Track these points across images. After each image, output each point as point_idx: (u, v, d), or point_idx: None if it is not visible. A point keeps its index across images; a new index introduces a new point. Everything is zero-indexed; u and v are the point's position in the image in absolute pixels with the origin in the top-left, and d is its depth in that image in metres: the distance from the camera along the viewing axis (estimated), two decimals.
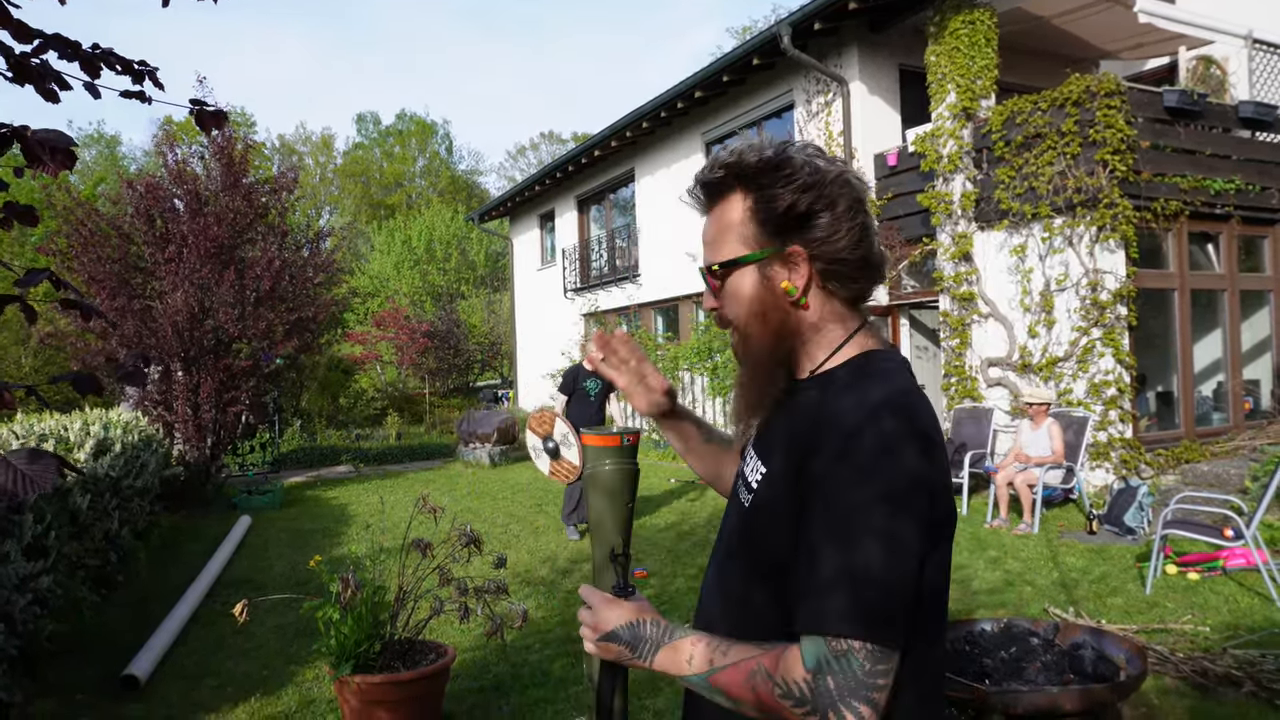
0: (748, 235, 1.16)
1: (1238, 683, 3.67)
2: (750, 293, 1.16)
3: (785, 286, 1.14)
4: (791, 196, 1.12)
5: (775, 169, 1.13)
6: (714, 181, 1.18)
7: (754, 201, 1.15)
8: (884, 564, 0.96)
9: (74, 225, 9.77)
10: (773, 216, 1.13)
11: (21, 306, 1.66)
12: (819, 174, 1.13)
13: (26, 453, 1.27)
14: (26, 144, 1.55)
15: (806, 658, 0.97)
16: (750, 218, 1.15)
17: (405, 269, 31.46)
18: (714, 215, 1.20)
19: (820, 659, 0.96)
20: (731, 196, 1.18)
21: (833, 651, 0.96)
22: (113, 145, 38.79)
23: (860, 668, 0.95)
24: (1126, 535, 6.46)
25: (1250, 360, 9.18)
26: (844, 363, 1.15)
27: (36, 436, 5.60)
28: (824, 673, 0.96)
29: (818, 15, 9.46)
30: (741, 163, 1.15)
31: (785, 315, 1.16)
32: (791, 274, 1.14)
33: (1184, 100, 8.03)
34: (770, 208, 1.13)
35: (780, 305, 1.15)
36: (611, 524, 1.32)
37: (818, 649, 0.97)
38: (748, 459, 1.23)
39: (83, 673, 4.36)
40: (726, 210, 1.18)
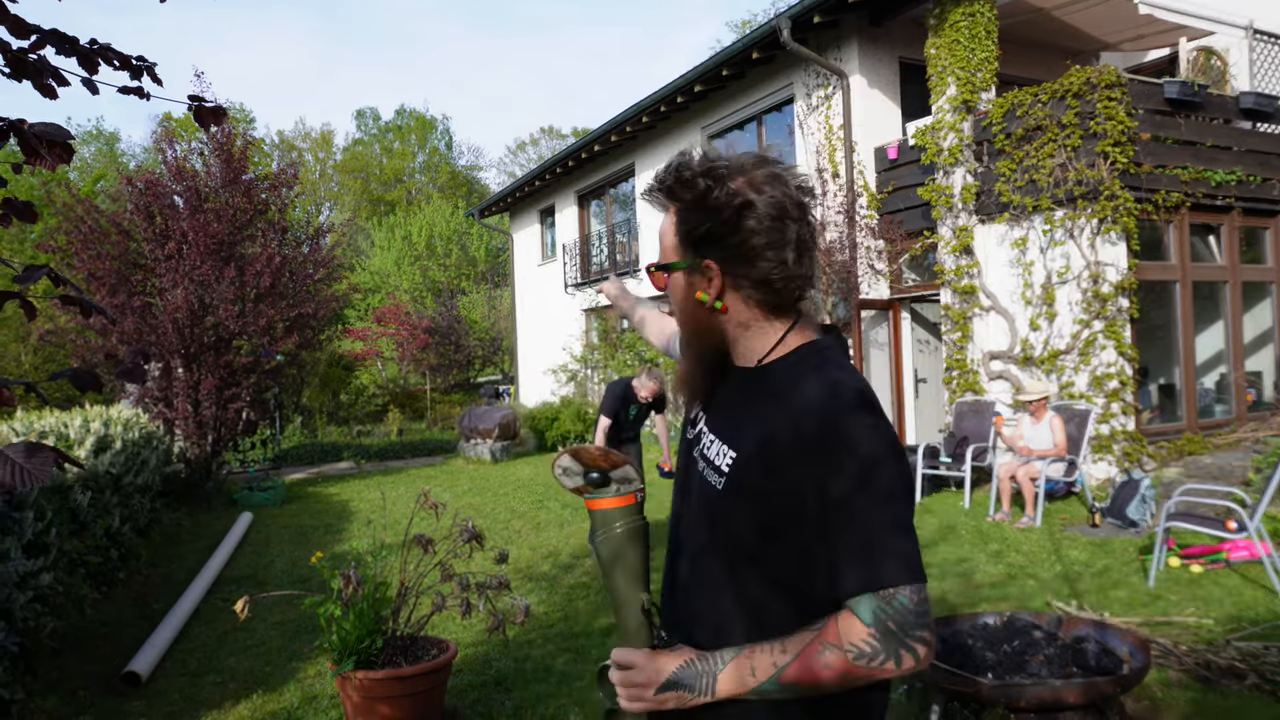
0: (674, 245, 1.28)
1: (1241, 675, 3.66)
2: (678, 295, 1.30)
3: (699, 296, 1.25)
4: (700, 217, 1.22)
5: (688, 187, 1.23)
6: (659, 195, 1.29)
7: (676, 216, 1.27)
8: (900, 517, 1.11)
9: (74, 222, 9.76)
10: (688, 233, 1.25)
11: (21, 303, 1.65)
12: (733, 197, 1.20)
13: (24, 446, 1.26)
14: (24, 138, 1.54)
15: (863, 615, 1.09)
16: (674, 230, 1.28)
17: (405, 265, 31.45)
18: (663, 219, 1.32)
19: (875, 611, 1.08)
20: (671, 205, 1.29)
21: (883, 600, 1.08)
22: (112, 142, 38.76)
23: (910, 602, 1.08)
24: (1129, 528, 6.45)
25: (1252, 352, 9.16)
26: (786, 354, 1.25)
27: (37, 434, 5.60)
28: (882, 620, 1.08)
29: (817, 8, 9.43)
30: (666, 180, 1.27)
31: (707, 317, 1.27)
32: (707, 285, 1.24)
33: (1185, 92, 8.01)
34: (685, 225, 1.25)
35: (700, 310, 1.27)
36: (636, 583, 1.31)
37: (870, 604, 1.08)
38: (704, 440, 1.31)
39: (84, 670, 4.36)
40: (667, 218, 1.30)
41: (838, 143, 10.22)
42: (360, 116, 45.37)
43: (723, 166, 1.23)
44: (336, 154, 44.01)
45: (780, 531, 1.16)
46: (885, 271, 10.10)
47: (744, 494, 1.19)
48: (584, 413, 14.27)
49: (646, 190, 1.32)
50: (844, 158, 10.12)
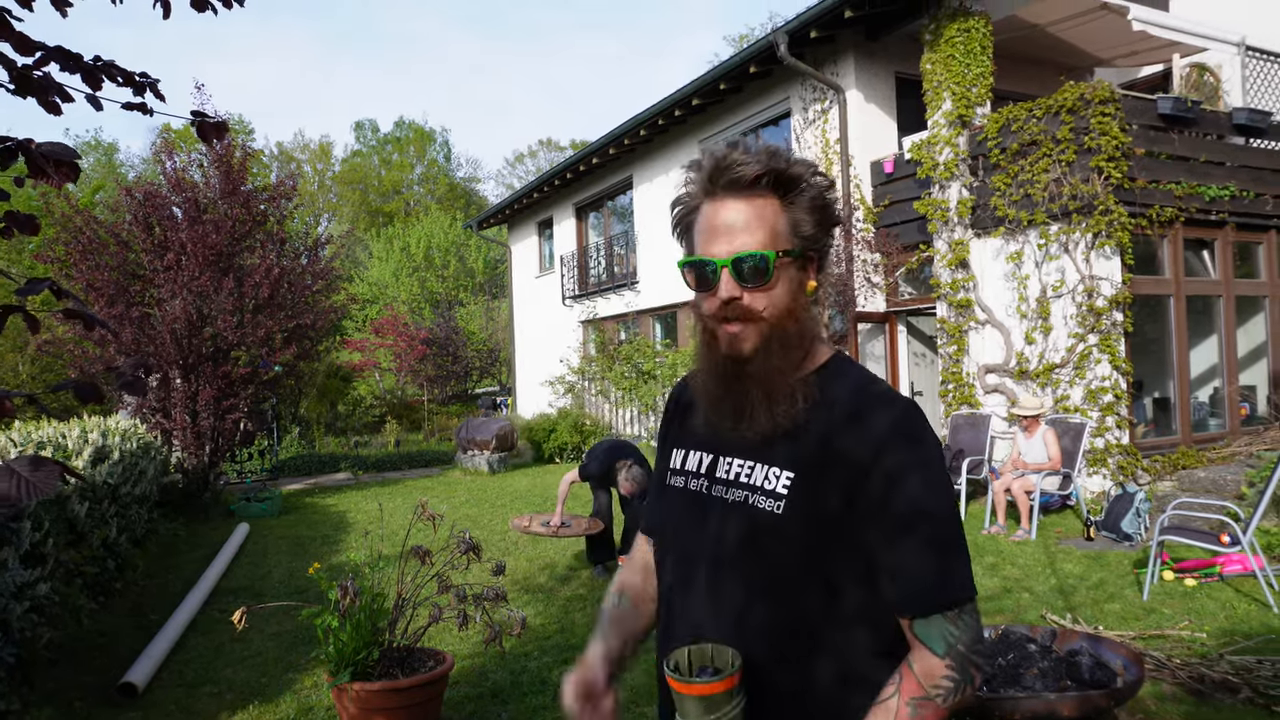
0: (786, 233, 1.19)
1: (1234, 689, 3.68)
2: (793, 285, 1.20)
3: (810, 286, 1.22)
4: (815, 214, 1.20)
5: (805, 184, 1.20)
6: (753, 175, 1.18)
7: (787, 205, 1.19)
8: (958, 535, 1.10)
9: (72, 233, 9.78)
10: (800, 225, 1.19)
11: (24, 316, 1.67)
12: (830, 201, 1.23)
13: (29, 459, 1.28)
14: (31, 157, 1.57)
15: (936, 645, 1.07)
16: (786, 218, 1.19)
17: (404, 276, 31.49)
18: (749, 204, 1.19)
19: (946, 637, 1.07)
20: (763, 193, 1.19)
21: (949, 620, 1.07)
22: (111, 153, 38.84)
23: (971, 620, 1.08)
24: (1124, 541, 6.47)
25: (1246, 366, 9.20)
26: (823, 365, 1.23)
27: (35, 444, 5.60)
28: (954, 646, 1.07)
29: (814, 23, 9.51)
30: (782, 168, 1.18)
31: (807, 313, 1.22)
32: (813, 276, 1.23)
33: (1178, 107, 8.07)
34: (801, 217, 1.19)
35: (805, 304, 1.22)
36: None
37: (939, 628, 1.07)
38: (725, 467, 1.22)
39: (80, 680, 4.36)
40: (761, 203, 1.19)
41: (834, 157, 10.28)
42: (359, 128, 45.52)
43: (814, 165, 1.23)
44: (335, 165, 44.14)
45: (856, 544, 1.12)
46: (881, 285, 10.14)
47: (813, 511, 1.13)
48: (581, 424, 14.28)
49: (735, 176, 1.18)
50: (840, 171, 10.18)
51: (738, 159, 1.19)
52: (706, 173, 1.21)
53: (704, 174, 1.21)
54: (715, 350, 1.22)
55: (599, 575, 6.08)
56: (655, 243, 14.28)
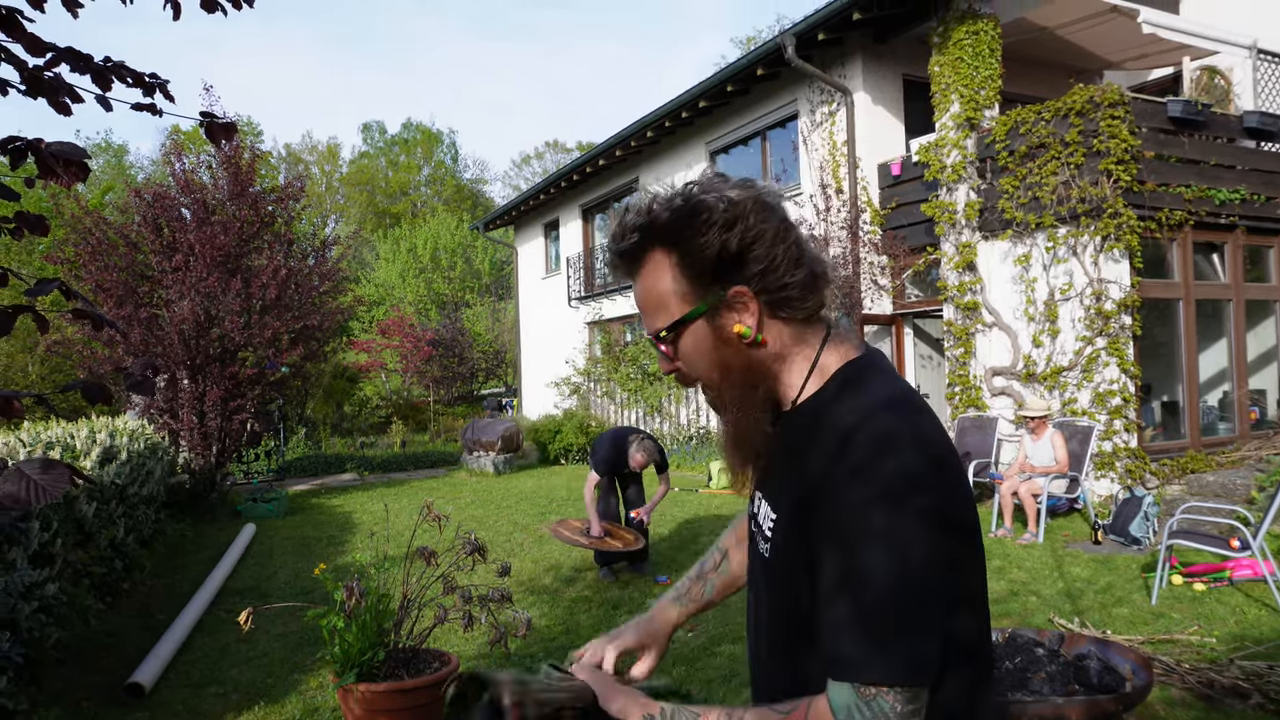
0: (684, 291, 1.09)
1: (1245, 694, 3.65)
2: (705, 347, 1.11)
3: (739, 330, 1.08)
4: (718, 240, 1.05)
5: (691, 217, 1.06)
6: (631, 248, 1.11)
7: (679, 256, 1.08)
8: (906, 605, 0.93)
9: (82, 234, 9.82)
10: (705, 266, 1.07)
11: (33, 317, 1.68)
12: (736, 207, 1.06)
13: (39, 462, 1.28)
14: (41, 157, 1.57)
15: (837, 710, 0.95)
16: (681, 273, 1.09)
17: (410, 277, 31.57)
18: (642, 280, 1.13)
19: (849, 707, 0.94)
20: (653, 256, 1.11)
21: (862, 697, 0.93)
22: (120, 154, 39.04)
23: (891, 709, 0.92)
24: (1132, 545, 6.44)
25: (1256, 370, 9.16)
26: (826, 382, 1.10)
27: (43, 444, 5.62)
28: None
29: (822, 25, 9.51)
30: (654, 222, 1.09)
31: (747, 358, 1.10)
32: (741, 315, 1.09)
33: (1188, 110, 8.04)
34: (699, 258, 1.07)
35: (739, 350, 1.10)
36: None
37: (846, 697, 0.94)
38: (758, 503, 1.20)
39: (87, 680, 4.37)
40: (653, 272, 1.11)
41: (841, 159, 10.27)
42: (366, 130, 45.70)
43: (695, 187, 1.09)
44: (343, 167, 44.30)
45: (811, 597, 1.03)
46: (888, 287, 10.12)
47: (784, 558, 1.09)
48: (587, 425, 14.28)
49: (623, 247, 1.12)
50: (848, 174, 10.17)
51: (612, 238, 1.14)
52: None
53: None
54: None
55: (605, 577, 6.07)
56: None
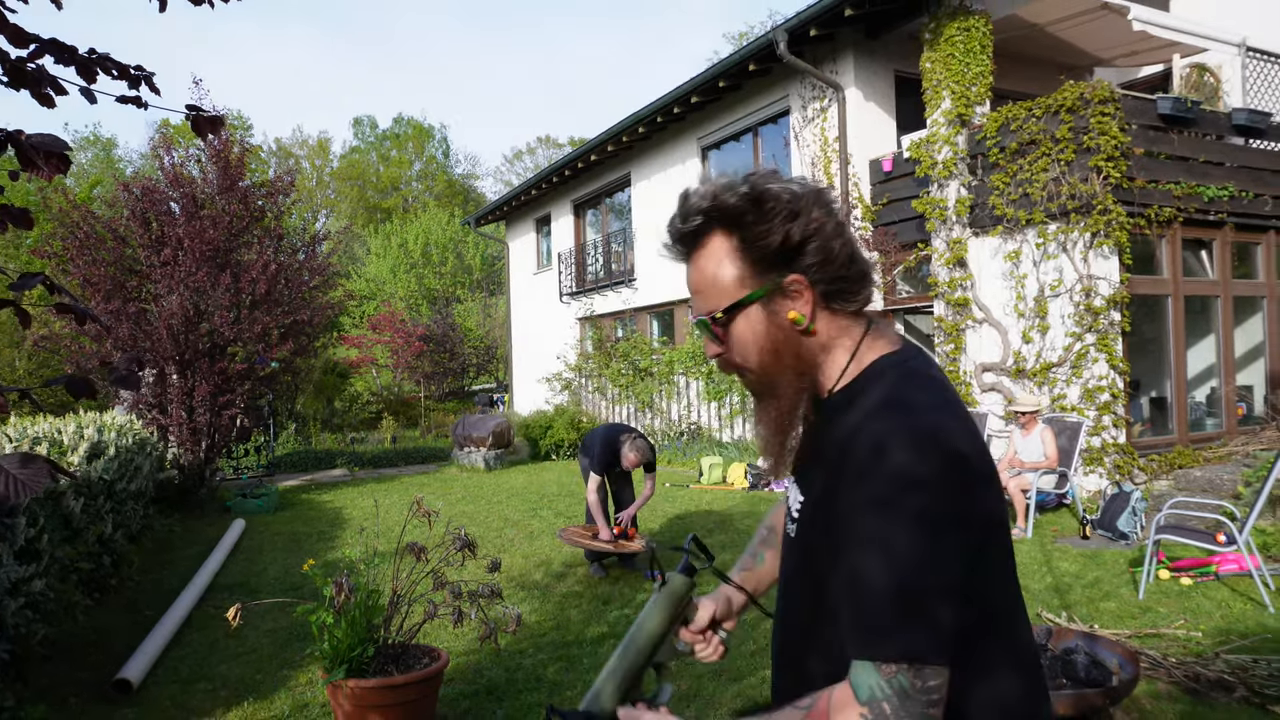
0: (743, 276, 1.12)
1: (1230, 688, 3.68)
2: (758, 332, 1.14)
3: (793, 317, 1.12)
4: (782, 229, 1.09)
5: (757, 204, 1.10)
6: (693, 229, 1.14)
7: (740, 241, 1.12)
8: (939, 582, 0.96)
9: (69, 228, 9.75)
10: (765, 252, 1.11)
11: (16, 311, 1.66)
12: (800, 200, 1.10)
13: (18, 456, 1.27)
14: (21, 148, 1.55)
15: (859, 690, 0.96)
16: (741, 258, 1.12)
17: (401, 272, 31.48)
18: (699, 262, 1.16)
19: (873, 687, 0.95)
20: (714, 239, 1.14)
21: (884, 675, 0.95)
22: (109, 148, 38.76)
23: (912, 686, 0.94)
24: (1120, 540, 6.47)
25: (1243, 366, 9.21)
26: (861, 373, 1.13)
27: (30, 440, 5.59)
28: (878, 700, 0.95)
29: (814, 22, 9.50)
30: (720, 205, 1.11)
31: (797, 345, 1.14)
32: (796, 303, 1.12)
33: (1178, 107, 8.07)
34: (761, 244, 1.10)
35: (790, 337, 1.13)
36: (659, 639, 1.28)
37: (869, 677, 0.96)
38: (791, 489, 1.25)
39: (75, 677, 4.34)
40: (711, 254, 1.14)
41: (833, 155, 10.28)
42: (357, 124, 45.51)
43: (758, 177, 1.12)
44: (333, 161, 44.10)
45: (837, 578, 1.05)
46: (879, 283, 10.14)
47: (807, 539, 1.13)
48: (578, 421, 14.27)
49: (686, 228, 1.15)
50: (839, 170, 10.18)
51: (675, 217, 1.16)
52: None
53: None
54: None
55: (595, 573, 6.08)
56: (653, 240, 14.26)
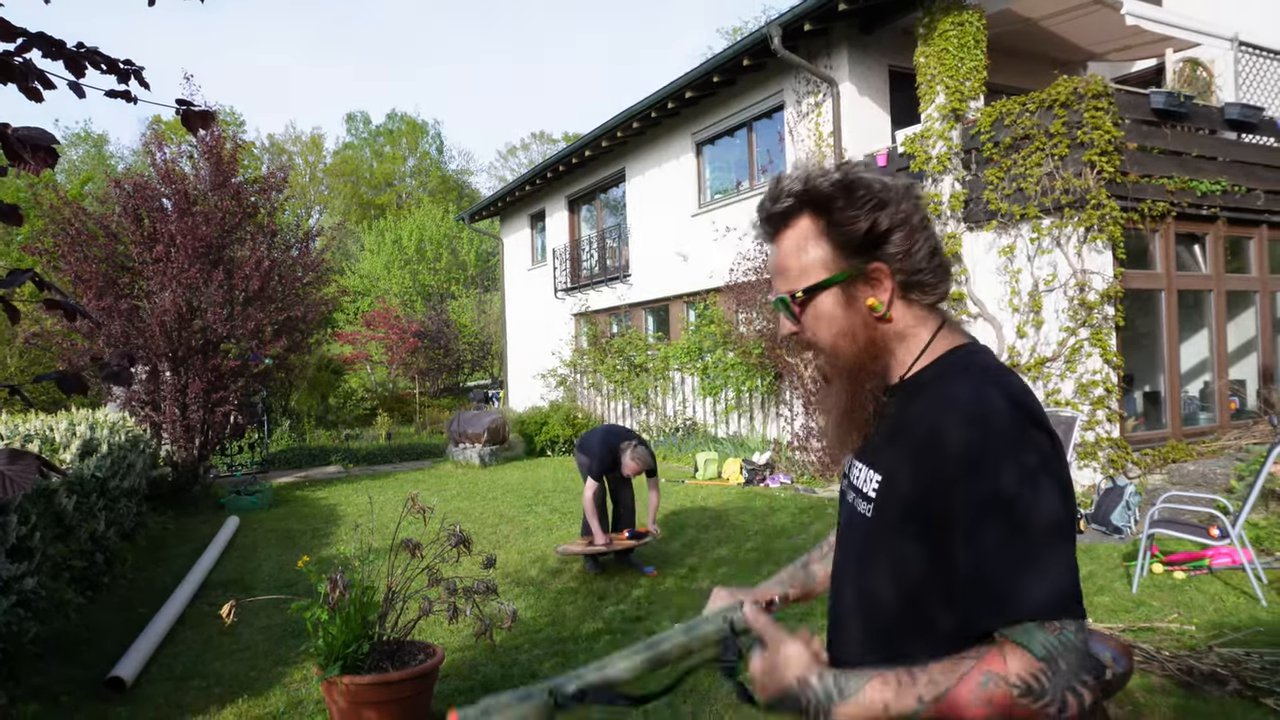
0: (827, 259, 1.17)
1: (1223, 681, 3.69)
2: (836, 314, 1.18)
3: (871, 303, 1.16)
4: (869, 217, 1.14)
5: (849, 191, 1.15)
6: (784, 210, 1.19)
7: (828, 225, 1.16)
8: (1066, 544, 1.00)
9: (61, 224, 9.71)
10: (852, 238, 1.15)
11: (4, 306, 1.65)
12: (890, 191, 1.15)
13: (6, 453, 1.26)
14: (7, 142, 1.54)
15: (1035, 648, 0.98)
16: (827, 241, 1.17)
17: (395, 269, 31.40)
18: (784, 243, 1.21)
19: (1049, 646, 0.98)
20: (802, 221, 1.19)
21: (1050, 634, 0.98)
22: (100, 144, 38.57)
23: (1078, 641, 0.98)
24: (1113, 534, 6.49)
25: (1236, 360, 9.24)
26: (932, 362, 1.17)
27: (21, 437, 5.56)
28: (1055, 657, 0.97)
29: (808, 16, 9.48)
30: (812, 189, 1.16)
31: (873, 331, 1.18)
32: (875, 290, 1.16)
33: (1171, 102, 8.08)
34: (848, 230, 1.15)
35: (867, 322, 1.17)
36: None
37: (1039, 636, 0.98)
38: (856, 470, 1.24)
39: (68, 674, 4.33)
40: (798, 236, 1.19)
41: (827, 150, 10.27)
42: (351, 120, 45.35)
43: (850, 166, 1.18)
44: (327, 158, 43.94)
45: (934, 552, 1.06)
46: None
47: (893, 518, 1.12)
48: (573, 418, 14.27)
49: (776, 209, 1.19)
50: (833, 164, 10.17)
51: (765, 198, 1.21)
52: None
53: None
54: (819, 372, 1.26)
55: (591, 569, 6.07)
56: (648, 236, 14.25)
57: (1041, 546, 0.99)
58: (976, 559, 1.01)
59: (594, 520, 6.05)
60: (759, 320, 10.45)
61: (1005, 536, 1.00)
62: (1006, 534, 1.00)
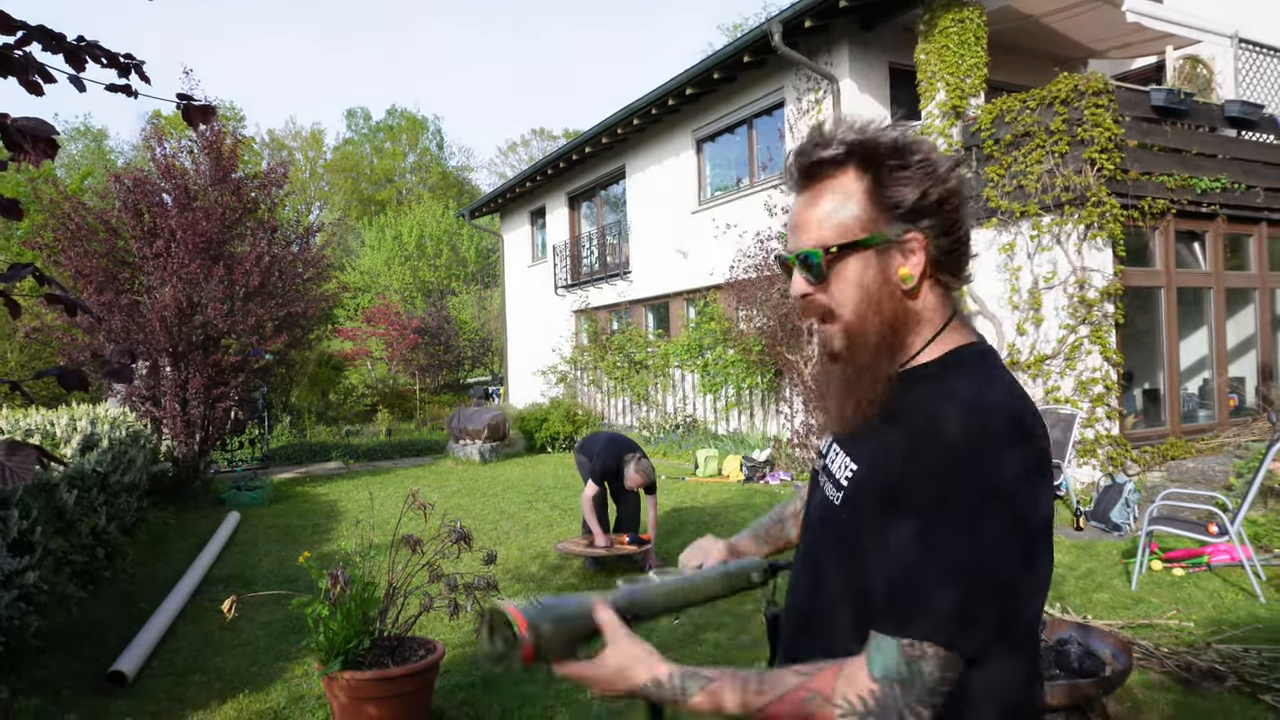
0: (866, 218, 1.07)
1: (1221, 677, 3.70)
2: (865, 279, 1.08)
3: (903, 274, 1.08)
4: (920, 185, 1.06)
5: (905, 152, 1.06)
6: (830, 157, 1.08)
7: (875, 183, 1.07)
8: (973, 570, 0.93)
9: (61, 219, 9.70)
10: (896, 202, 1.06)
11: (5, 301, 1.65)
12: (941, 163, 1.08)
13: (6, 444, 1.26)
14: (7, 133, 1.54)
15: (874, 666, 0.94)
16: (869, 200, 1.07)
17: (396, 265, 31.39)
18: (819, 194, 1.10)
19: (890, 666, 0.93)
20: (842, 175, 1.09)
21: (906, 657, 0.93)
22: (100, 139, 38.54)
23: (930, 675, 0.92)
24: (1113, 532, 6.50)
25: (1235, 358, 9.24)
26: (937, 358, 1.10)
27: (22, 432, 5.57)
28: (891, 680, 0.93)
29: (808, 13, 9.47)
30: (868, 141, 1.07)
31: (898, 305, 1.09)
32: (908, 261, 1.08)
33: (1171, 99, 8.08)
34: (896, 193, 1.06)
35: (894, 294, 1.09)
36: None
37: (888, 656, 0.93)
38: (833, 455, 1.19)
39: (69, 669, 4.33)
40: (838, 189, 1.09)
41: None
42: (351, 116, 45.28)
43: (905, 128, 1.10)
44: (327, 153, 43.90)
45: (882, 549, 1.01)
46: None
47: (857, 510, 1.08)
48: (573, 414, 14.27)
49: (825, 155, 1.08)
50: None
51: (810, 143, 1.10)
52: (789, 161, 1.14)
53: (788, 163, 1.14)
54: (818, 345, 1.17)
55: (591, 566, 6.08)
56: (648, 232, 14.25)
57: (955, 572, 0.93)
58: (887, 559, 0.98)
59: (593, 521, 6.05)
60: (759, 317, 10.45)
61: (924, 551, 0.94)
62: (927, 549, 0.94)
